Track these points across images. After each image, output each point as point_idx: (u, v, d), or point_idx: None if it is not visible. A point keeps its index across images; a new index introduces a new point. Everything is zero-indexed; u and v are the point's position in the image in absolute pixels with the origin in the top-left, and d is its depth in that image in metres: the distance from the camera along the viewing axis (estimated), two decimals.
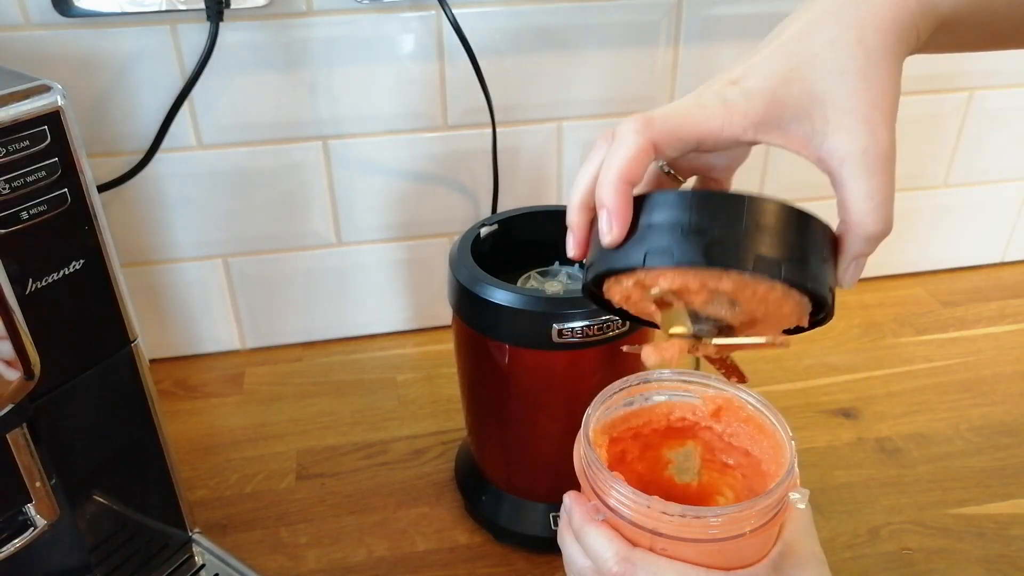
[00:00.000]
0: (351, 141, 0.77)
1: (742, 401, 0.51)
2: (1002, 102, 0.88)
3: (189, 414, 0.78)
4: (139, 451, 0.54)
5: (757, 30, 0.79)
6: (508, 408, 0.59)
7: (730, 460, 0.52)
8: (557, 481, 0.58)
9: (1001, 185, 0.94)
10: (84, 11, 0.66)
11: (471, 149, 0.80)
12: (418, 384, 0.82)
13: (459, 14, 0.71)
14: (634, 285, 0.40)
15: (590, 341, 0.53)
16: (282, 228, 0.80)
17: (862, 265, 0.42)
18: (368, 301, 0.86)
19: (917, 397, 0.79)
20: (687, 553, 0.43)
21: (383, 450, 0.74)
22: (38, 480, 0.46)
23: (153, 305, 0.82)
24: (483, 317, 0.55)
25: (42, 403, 0.45)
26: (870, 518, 0.66)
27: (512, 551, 0.64)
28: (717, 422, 0.52)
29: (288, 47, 0.71)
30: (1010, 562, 0.62)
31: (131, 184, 0.73)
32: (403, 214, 0.82)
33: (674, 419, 0.53)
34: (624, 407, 0.52)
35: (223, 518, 0.67)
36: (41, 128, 0.41)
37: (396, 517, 0.67)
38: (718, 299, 0.40)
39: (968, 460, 0.71)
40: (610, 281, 0.41)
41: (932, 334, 0.88)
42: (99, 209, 0.45)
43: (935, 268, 0.98)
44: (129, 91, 0.71)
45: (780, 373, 0.82)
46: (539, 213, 0.64)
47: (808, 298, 0.40)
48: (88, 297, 0.46)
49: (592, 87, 0.79)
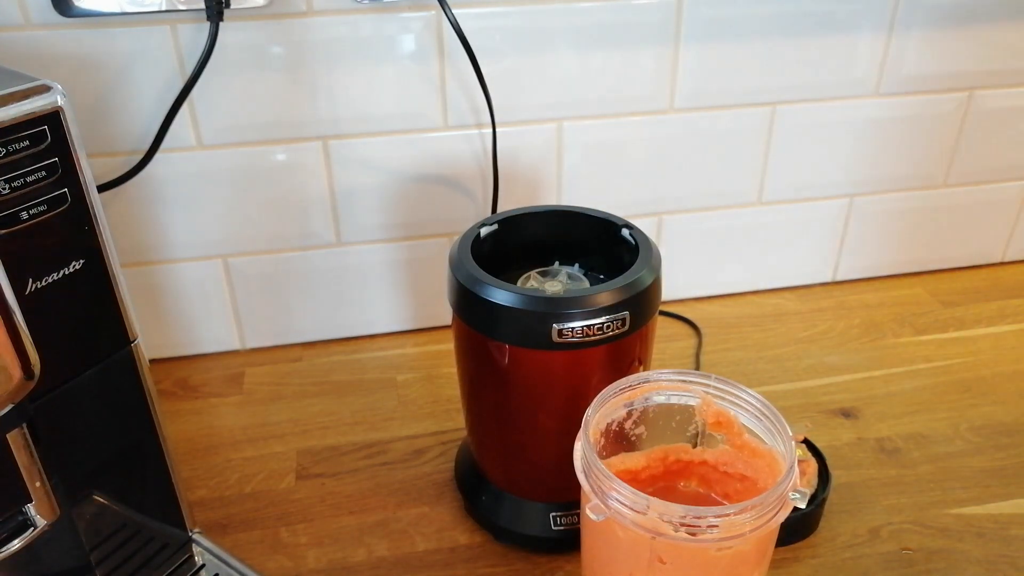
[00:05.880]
0: (351, 141, 0.77)
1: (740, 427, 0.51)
2: (1002, 102, 0.88)
3: (189, 414, 0.78)
4: (139, 451, 0.54)
5: (757, 30, 0.79)
6: (508, 408, 0.59)
7: (728, 489, 0.52)
8: (557, 481, 0.58)
9: (1001, 185, 0.94)
10: (84, 11, 0.66)
11: (471, 149, 0.80)
12: (418, 384, 0.82)
13: (459, 14, 0.71)
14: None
15: (590, 341, 0.53)
16: (282, 228, 0.80)
17: None
18: (368, 301, 0.86)
19: (917, 397, 0.79)
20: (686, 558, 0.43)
21: (383, 450, 0.74)
22: (38, 480, 0.46)
23: (153, 305, 0.82)
24: (483, 317, 0.55)
25: (42, 403, 0.45)
26: (870, 518, 0.66)
27: (512, 551, 0.64)
28: (711, 456, 0.52)
29: (288, 47, 0.72)
30: (1010, 562, 0.62)
31: (131, 184, 0.73)
32: (403, 214, 0.82)
33: (670, 462, 0.53)
34: (624, 408, 0.52)
35: (223, 518, 0.67)
36: (41, 128, 0.41)
37: (396, 517, 0.67)
38: None
39: (968, 460, 0.71)
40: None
41: (932, 334, 0.88)
42: (99, 209, 0.45)
43: (935, 268, 0.99)
44: (129, 91, 0.71)
45: (780, 373, 0.82)
46: (539, 213, 0.64)
47: None
48: (88, 297, 0.46)
49: (592, 87, 0.79)
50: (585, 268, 0.65)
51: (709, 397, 0.51)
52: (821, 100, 0.84)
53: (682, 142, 0.84)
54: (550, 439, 0.59)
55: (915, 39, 0.82)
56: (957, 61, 0.85)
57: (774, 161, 0.87)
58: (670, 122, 0.82)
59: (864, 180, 0.90)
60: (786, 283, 0.96)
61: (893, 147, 0.89)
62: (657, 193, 0.86)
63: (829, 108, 0.85)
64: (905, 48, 0.83)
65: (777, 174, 0.88)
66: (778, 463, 0.48)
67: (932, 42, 0.83)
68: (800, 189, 0.89)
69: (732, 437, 0.51)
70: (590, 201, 0.72)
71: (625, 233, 0.61)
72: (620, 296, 0.53)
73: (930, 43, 0.83)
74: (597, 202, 0.71)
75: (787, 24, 0.79)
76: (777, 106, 0.83)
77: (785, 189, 0.89)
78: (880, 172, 0.90)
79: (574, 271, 0.64)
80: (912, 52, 0.83)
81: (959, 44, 0.84)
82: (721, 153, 0.85)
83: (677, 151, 0.84)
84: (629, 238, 0.60)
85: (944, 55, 0.84)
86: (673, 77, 0.80)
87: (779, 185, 0.88)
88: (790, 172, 0.88)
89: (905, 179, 0.91)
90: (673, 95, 0.81)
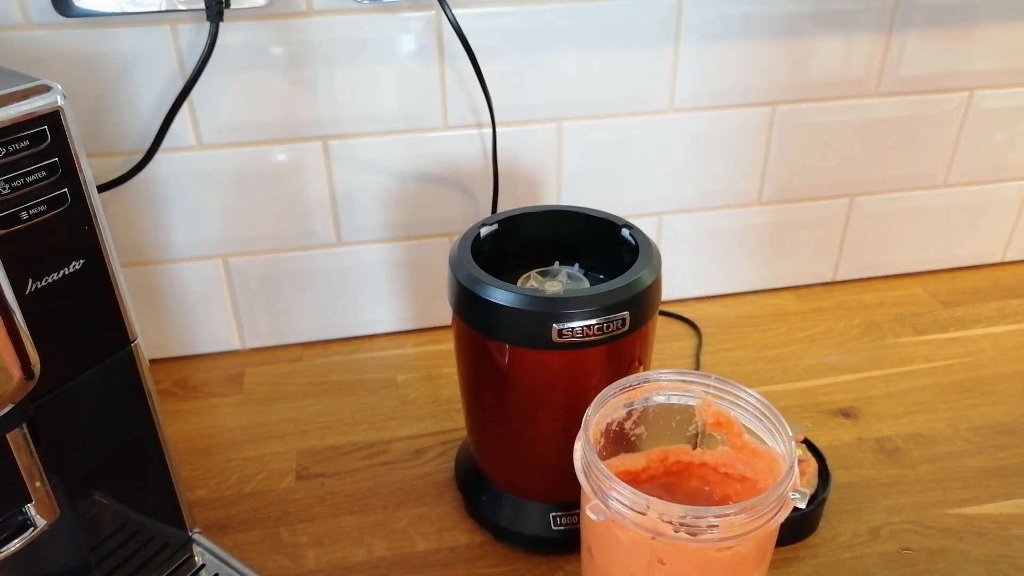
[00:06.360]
0: (351, 141, 0.77)
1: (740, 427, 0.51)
2: (1002, 102, 0.88)
3: (189, 414, 0.78)
4: (139, 451, 0.54)
5: (757, 30, 0.79)
6: (508, 408, 0.59)
7: (728, 490, 0.52)
8: (557, 481, 0.58)
9: (1001, 185, 0.94)
10: (84, 11, 0.66)
11: (471, 149, 0.80)
12: (418, 384, 0.82)
13: (459, 14, 0.71)
14: None
15: (590, 341, 0.53)
16: (282, 228, 0.80)
17: None
18: (368, 301, 0.86)
19: (917, 397, 0.79)
20: (686, 559, 0.43)
21: (383, 450, 0.74)
22: (38, 480, 0.46)
23: (153, 305, 0.82)
24: (483, 317, 0.55)
25: (42, 403, 0.45)
26: (870, 518, 0.66)
27: (512, 551, 0.64)
28: (711, 457, 0.52)
29: (288, 47, 0.72)
30: (1010, 562, 0.62)
31: (131, 184, 0.73)
32: (403, 214, 0.82)
33: (669, 463, 0.53)
34: (624, 408, 0.52)
35: (223, 518, 0.67)
36: (41, 128, 0.41)
37: (396, 517, 0.67)
38: None
39: (968, 460, 0.71)
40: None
41: (932, 334, 0.88)
42: (99, 209, 0.45)
43: (935, 268, 0.99)
44: (129, 91, 0.71)
45: (780, 373, 0.82)
46: (539, 213, 0.64)
47: None
48: (88, 297, 0.46)
49: (592, 87, 0.79)
50: (585, 268, 0.65)
51: (709, 397, 0.51)
52: (821, 100, 0.84)
53: (682, 142, 0.84)
54: (550, 439, 0.59)
55: (915, 39, 0.82)
56: (957, 61, 0.85)
57: (774, 161, 0.87)
58: (670, 122, 0.82)
59: (864, 180, 0.90)
60: (786, 283, 0.96)
61: (893, 147, 0.89)
62: (657, 193, 0.86)
63: (829, 108, 0.85)
64: (905, 48, 0.83)
65: (777, 174, 0.88)
66: (778, 464, 0.48)
67: (932, 42, 0.83)
68: (800, 189, 0.89)
69: (732, 437, 0.51)
70: (590, 201, 0.72)
71: (625, 233, 0.61)
72: (620, 296, 0.53)
73: (930, 43, 0.83)
74: (597, 202, 0.71)
75: (787, 24, 0.79)
76: (777, 106, 0.83)
77: (785, 189, 0.89)
78: (880, 172, 0.90)
79: (574, 271, 0.64)
80: (912, 52, 0.83)
81: (959, 44, 0.84)
82: (721, 153, 0.85)
83: (677, 151, 0.84)
84: (629, 238, 0.60)
85: (944, 55, 0.84)
86: (673, 77, 0.80)
87: (779, 185, 0.88)
88: (790, 172, 0.88)
89: (905, 179, 0.91)
90: (673, 95, 0.81)
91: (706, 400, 0.51)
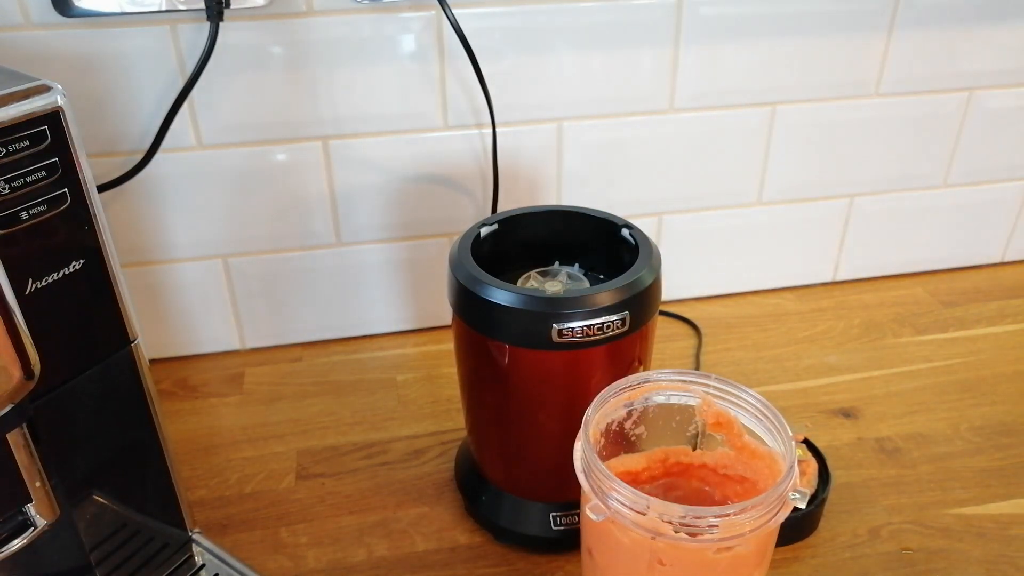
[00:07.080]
0: (351, 141, 0.77)
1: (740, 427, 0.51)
2: (1002, 102, 0.88)
3: (189, 414, 0.78)
4: (139, 451, 0.54)
5: (757, 30, 0.79)
6: (508, 408, 0.59)
7: (728, 491, 0.52)
8: (557, 481, 0.58)
9: (1001, 185, 0.94)
10: (84, 11, 0.66)
11: (471, 149, 0.80)
12: (418, 384, 0.82)
13: (459, 14, 0.71)
14: None
15: (590, 341, 0.53)
16: (282, 228, 0.80)
17: None
18: (368, 301, 0.86)
19: (917, 397, 0.79)
20: (686, 560, 0.43)
21: (383, 450, 0.74)
22: (38, 480, 0.46)
23: (153, 305, 0.82)
24: (483, 317, 0.55)
25: (42, 403, 0.45)
26: (870, 518, 0.66)
27: (512, 551, 0.64)
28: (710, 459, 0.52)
29: (288, 47, 0.71)
30: (1010, 562, 0.62)
31: (131, 184, 0.73)
32: (403, 214, 0.82)
33: (669, 464, 0.53)
34: (624, 408, 0.52)
35: (223, 518, 0.67)
36: (41, 128, 0.41)
37: (396, 517, 0.67)
38: None
39: (968, 460, 0.71)
40: None
41: (932, 334, 0.88)
42: (99, 209, 0.45)
43: (935, 268, 0.99)
44: (129, 91, 0.71)
45: (780, 373, 0.82)
46: (539, 213, 0.64)
47: None
48: (88, 297, 0.46)
49: (592, 87, 0.79)
50: (585, 268, 0.65)
51: (709, 397, 0.51)
52: (821, 100, 0.84)
53: (682, 142, 0.84)
54: (550, 439, 0.59)
55: (915, 39, 0.82)
56: (957, 61, 0.85)
57: (774, 161, 0.87)
58: (670, 122, 0.82)
59: (864, 180, 0.90)
60: (786, 283, 0.96)
61: (893, 147, 0.89)
62: (657, 193, 0.86)
63: (829, 108, 0.85)
64: (905, 48, 0.83)
65: (777, 174, 0.88)
66: (778, 464, 0.48)
67: (932, 42, 0.83)
68: (800, 189, 0.89)
69: (732, 437, 0.51)
70: (590, 201, 0.72)
71: (625, 233, 0.61)
72: (620, 296, 0.53)
73: (930, 43, 0.83)
74: (597, 202, 0.71)
75: (787, 24, 0.79)
76: (777, 106, 0.83)
77: (785, 189, 0.89)
78: (880, 172, 0.90)
79: (574, 271, 0.64)
80: (912, 52, 0.83)
81: (959, 44, 0.84)
82: (721, 153, 0.85)
83: (677, 151, 0.84)
84: (629, 238, 0.60)
85: (944, 55, 0.84)
86: (673, 77, 0.80)
87: (779, 185, 0.88)
88: (790, 172, 0.88)
89: (905, 179, 0.91)
90: (673, 95, 0.81)
91: (706, 400, 0.51)
